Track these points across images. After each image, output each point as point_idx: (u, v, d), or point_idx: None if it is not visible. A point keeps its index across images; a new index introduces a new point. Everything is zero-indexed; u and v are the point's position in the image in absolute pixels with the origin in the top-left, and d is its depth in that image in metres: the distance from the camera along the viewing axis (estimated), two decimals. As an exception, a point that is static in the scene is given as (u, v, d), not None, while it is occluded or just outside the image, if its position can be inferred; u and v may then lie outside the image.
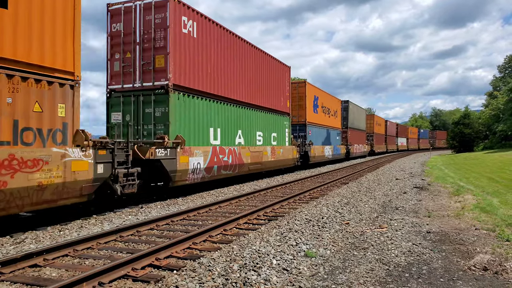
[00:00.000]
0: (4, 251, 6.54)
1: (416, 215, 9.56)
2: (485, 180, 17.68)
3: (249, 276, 5.02)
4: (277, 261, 5.67)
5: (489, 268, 5.45)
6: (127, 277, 5.22)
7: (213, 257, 5.76)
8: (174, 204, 11.70)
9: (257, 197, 12.98)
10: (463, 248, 6.58)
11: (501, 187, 14.63)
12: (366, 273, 5.38)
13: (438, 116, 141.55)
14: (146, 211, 10.44)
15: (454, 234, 7.57)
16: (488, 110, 59.04)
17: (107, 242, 7.10)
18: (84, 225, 8.70)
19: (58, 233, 7.94)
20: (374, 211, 10.03)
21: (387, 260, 5.93)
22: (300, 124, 26.62)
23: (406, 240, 7.06)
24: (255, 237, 7.05)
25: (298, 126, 26.50)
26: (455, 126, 57.94)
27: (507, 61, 67.17)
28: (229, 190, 14.93)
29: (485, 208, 9.97)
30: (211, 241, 7.16)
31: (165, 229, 8.20)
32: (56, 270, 5.58)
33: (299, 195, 12.83)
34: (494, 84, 70.25)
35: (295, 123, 26.33)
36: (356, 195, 12.73)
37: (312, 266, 5.67)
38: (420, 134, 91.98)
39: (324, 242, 6.92)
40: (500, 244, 6.70)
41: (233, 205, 11.29)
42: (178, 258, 6.07)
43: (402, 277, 5.24)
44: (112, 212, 10.30)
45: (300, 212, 9.55)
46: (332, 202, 11.02)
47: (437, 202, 11.54)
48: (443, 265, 5.73)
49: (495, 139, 55.99)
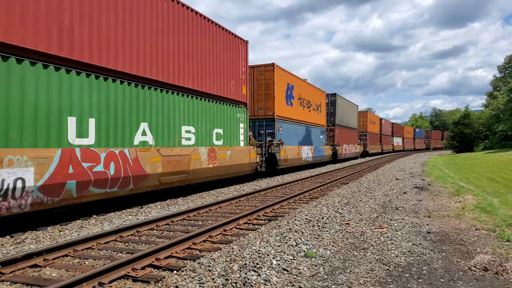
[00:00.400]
0: (4, 251, 6.54)
1: (416, 215, 9.56)
2: (485, 180, 17.67)
3: (249, 276, 5.02)
4: (277, 261, 5.67)
5: (490, 268, 5.45)
6: (127, 277, 5.22)
7: (213, 257, 5.76)
8: (174, 204, 11.69)
9: (257, 197, 12.98)
10: (463, 249, 6.57)
11: (501, 187, 14.62)
12: (366, 273, 5.38)
13: (438, 116, 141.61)
14: (146, 211, 10.44)
15: (455, 234, 7.56)
16: (488, 110, 59.04)
17: (107, 242, 7.10)
18: (84, 225, 8.70)
19: (58, 233, 7.94)
20: (374, 211, 10.02)
21: (387, 261, 5.93)
22: (267, 118, 21.12)
23: (406, 240, 7.06)
24: (255, 237, 7.05)
25: (265, 121, 21.10)
26: (455, 126, 57.94)
27: (507, 61, 67.16)
28: (229, 190, 14.93)
29: (486, 208, 9.96)
30: (211, 241, 7.16)
31: (165, 229, 8.20)
32: (56, 270, 5.58)
33: (299, 195, 12.82)
34: (494, 84, 70.25)
35: (260, 118, 21.22)
36: (356, 195, 12.72)
37: (312, 267, 5.67)
38: (415, 133, 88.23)
39: (324, 242, 6.92)
40: (500, 244, 6.70)
41: (233, 205, 11.29)
42: (178, 258, 6.07)
43: (402, 277, 5.24)
44: (112, 212, 10.29)
45: (300, 212, 9.54)
46: (332, 202, 11.02)
47: (437, 202, 11.54)
48: (443, 266, 5.73)
49: (495, 139, 55.98)
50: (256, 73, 21.10)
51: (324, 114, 31.71)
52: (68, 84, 8.89)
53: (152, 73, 11.44)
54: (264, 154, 19.47)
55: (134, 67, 10.78)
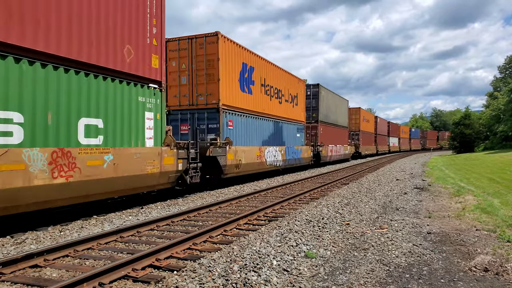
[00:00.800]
0: (4, 252, 6.55)
1: (417, 215, 9.56)
2: (485, 180, 17.66)
3: (249, 276, 5.02)
4: (277, 261, 5.67)
5: (490, 269, 5.45)
6: (127, 277, 5.22)
7: (213, 258, 5.76)
8: (174, 204, 11.70)
9: (257, 197, 12.98)
10: (463, 249, 6.57)
11: (502, 188, 14.61)
12: (367, 274, 5.37)
13: (439, 117, 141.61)
14: (147, 212, 10.44)
15: (455, 235, 7.56)
16: (488, 111, 59.01)
17: (108, 242, 7.10)
18: (85, 225, 8.70)
19: (58, 233, 7.94)
20: (374, 212, 10.02)
21: (388, 261, 5.93)
22: (209, 109, 15.51)
23: (407, 241, 7.06)
24: (256, 237, 7.05)
25: (206, 112, 15.56)
26: (456, 126, 57.89)
27: (508, 61, 67.14)
28: (229, 191, 14.92)
29: (486, 209, 9.96)
30: (211, 242, 7.16)
31: (166, 230, 8.20)
32: (57, 271, 5.58)
33: (299, 196, 12.83)
34: (494, 85, 70.21)
35: (201, 108, 15.61)
36: (357, 196, 12.72)
37: (313, 267, 5.67)
38: (411, 134, 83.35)
39: (324, 243, 6.92)
40: (501, 245, 6.70)
41: (233, 206, 11.29)
42: (178, 259, 6.07)
43: (402, 278, 5.24)
44: (112, 212, 10.30)
45: (300, 212, 9.54)
46: (332, 203, 11.02)
47: (437, 203, 11.53)
48: (443, 266, 5.73)
49: (495, 139, 55.93)
50: (195, 47, 15.67)
51: (302, 107, 26.21)
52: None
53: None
54: (193, 159, 12.93)
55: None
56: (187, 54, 15.82)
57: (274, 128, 21.00)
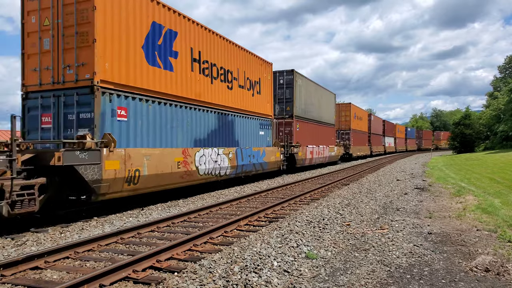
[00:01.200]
0: (5, 254, 6.55)
1: (417, 216, 9.55)
2: (486, 180, 17.65)
3: (250, 278, 5.02)
4: (278, 262, 5.66)
5: (491, 269, 5.44)
6: (128, 279, 5.22)
7: (214, 259, 5.76)
8: (175, 205, 11.70)
9: (258, 198, 12.98)
10: (464, 249, 6.57)
11: (502, 188, 14.60)
12: (367, 275, 5.37)
13: (439, 117, 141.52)
14: (147, 213, 10.44)
15: (456, 235, 7.55)
16: (488, 111, 59.02)
17: (108, 244, 7.10)
18: (85, 227, 8.70)
19: (59, 235, 7.94)
20: (375, 212, 10.01)
21: (388, 262, 5.93)
22: (80, 87, 9.75)
23: (408, 241, 7.05)
24: (256, 238, 7.05)
25: (76, 93, 9.78)
26: (456, 126, 57.85)
27: (508, 61, 67.21)
28: (230, 192, 14.92)
29: (487, 209, 9.95)
30: (212, 243, 7.15)
31: (166, 231, 8.20)
32: (57, 272, 5.58)
33: (300, 196, 12.82)
34: (494, 85, 70.25)
35: (69, 87, 9.88)
36: (357, 196, 12.72)
37: (313, 268, 5.66)
38: (407, 133, 78.09)
39: (325, 244, 6.91)
40: (501, 245, 6.69)
41: (233, 207, 11.29)
42: (179, 260, 6.06)
43: (403, 278, 5.24)
44: (113, 214, 10.29)
45: (300, 213, 9.54)
46: (333, 203, 11.02)
47: (438, 203, 11.53)
48: (444, 266, 5.72)
49: (496, 139, 55.91)
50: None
51: (268, 98, 20.44)
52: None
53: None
54: (22, 176, 7.99)
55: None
56: (51, 3, 10.18)
57: (219, 123, 15.37)
